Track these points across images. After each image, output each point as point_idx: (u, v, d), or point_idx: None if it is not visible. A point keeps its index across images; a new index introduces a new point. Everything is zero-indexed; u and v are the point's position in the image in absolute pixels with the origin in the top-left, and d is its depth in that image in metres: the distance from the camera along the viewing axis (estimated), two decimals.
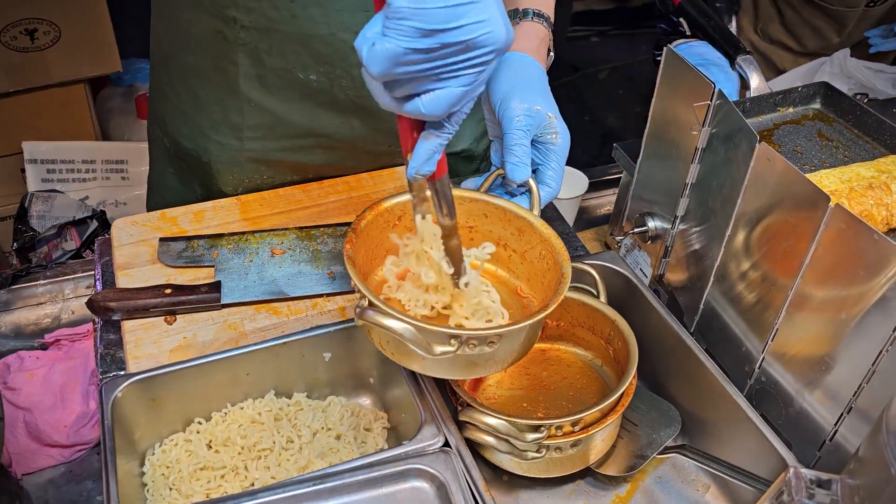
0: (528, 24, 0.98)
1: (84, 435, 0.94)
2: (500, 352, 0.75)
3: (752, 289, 0.89)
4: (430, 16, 0.58)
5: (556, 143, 0.90)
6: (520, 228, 0.86)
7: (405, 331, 0.70)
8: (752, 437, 0.86)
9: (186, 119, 1.17)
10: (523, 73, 0.92)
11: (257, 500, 0.74)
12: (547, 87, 0.93)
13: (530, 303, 0.87)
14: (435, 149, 0.69)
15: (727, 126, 0.87)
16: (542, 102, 0.89)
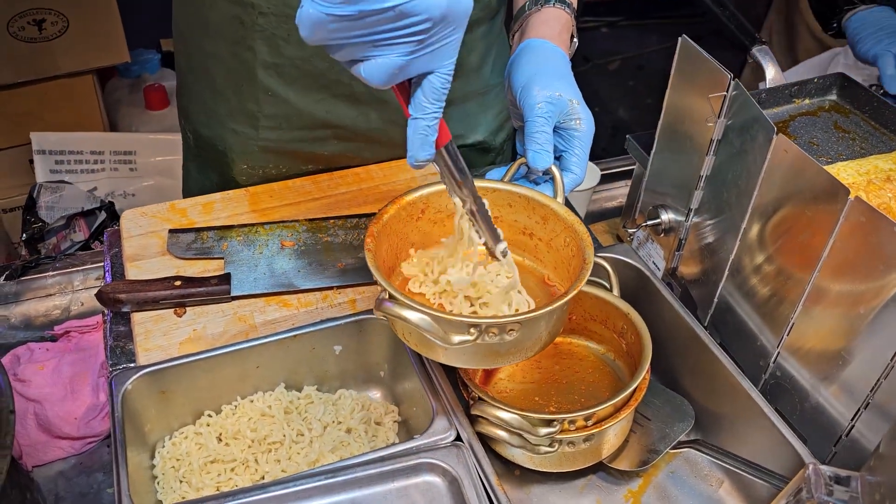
0: (550, 10, 0.97)
1: (94, 427, 0.94)
2: (521, 340, 0.74)
3: (767, 282, 0.88)
4: None
5: (580, 129, 0.88)
6: (544, 217, 0.85)
7: (421, 321, 0.70)
8: (767, 433, 0.85)
9: (204, 106, 1.17)
10: (544, 59, 0.91)
11: (269, 494, 0.74)
12: (569, 73, 0.92)
13: (557, 290, 0.86)
14: (424, 132, 0.66)
15: (743, 117, 0.85)
16: (564, 88, 0.88)
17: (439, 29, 0.59)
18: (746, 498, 0.89)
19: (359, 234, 1.06)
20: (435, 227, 0.84)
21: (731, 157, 0.89)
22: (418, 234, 0.83)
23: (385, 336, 0.93)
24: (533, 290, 0.85)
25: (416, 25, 0.58)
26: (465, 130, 1.25)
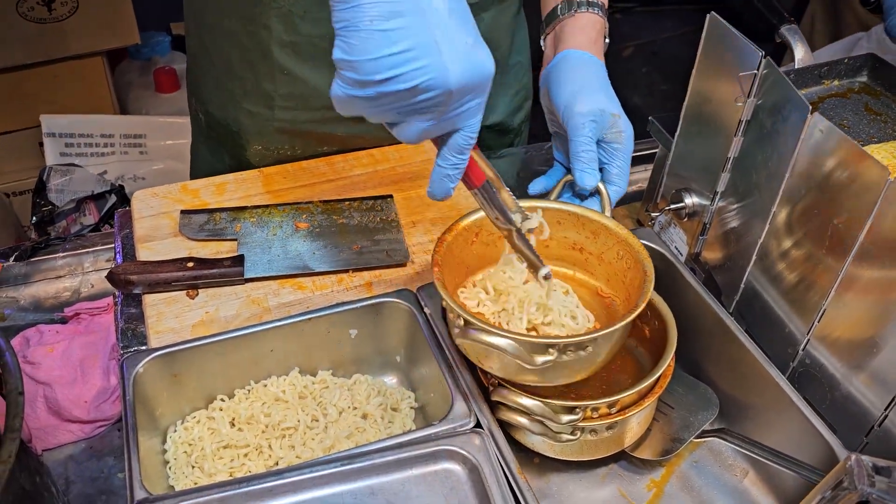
0: (584, 15, 0.95)
1: (105, 411, 0.92)
2: (595, 354, 0.76)
3: (796, 268, 0.85)
4: (363, 68, 0.57)
5: (622, 143, 0.90)
6: (594, 231, 0.88)
7: (508, 346, 0.71)
8: (795, 422, 0.83)
9: (218, 86, 1.15)
10: (583, 73, 0.91)
11: (284, 480, 0.72)
12: (607, 84, 0.92)
13: (612, 301, 0.89)
14: (446, 177, 0.68)
15: (774, 96, 0.82)
16: (606, 102, 0.89)
17: (458, 98, 0.60)
18: (772, 489, 0.87)
19: (374, 215, 1.04)
20: (488, 248, 0.87)
21: (760, 137, 0.86)
22: (473, 256, 0.86)
23: (402, 320, 0.91)
24: (588, 302, 0.88)
25: (434, 99, 0.59)
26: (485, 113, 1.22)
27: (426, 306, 0.90)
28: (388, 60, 0.56)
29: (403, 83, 0.57)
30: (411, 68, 0.57)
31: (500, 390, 0.79)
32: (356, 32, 0.56)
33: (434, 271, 0.78)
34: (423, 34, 0.56)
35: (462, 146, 0.66)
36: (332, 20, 0.58)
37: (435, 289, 0.91)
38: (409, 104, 0.59)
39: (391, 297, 0.91)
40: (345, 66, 0.58)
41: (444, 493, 0.74)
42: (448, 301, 0.75)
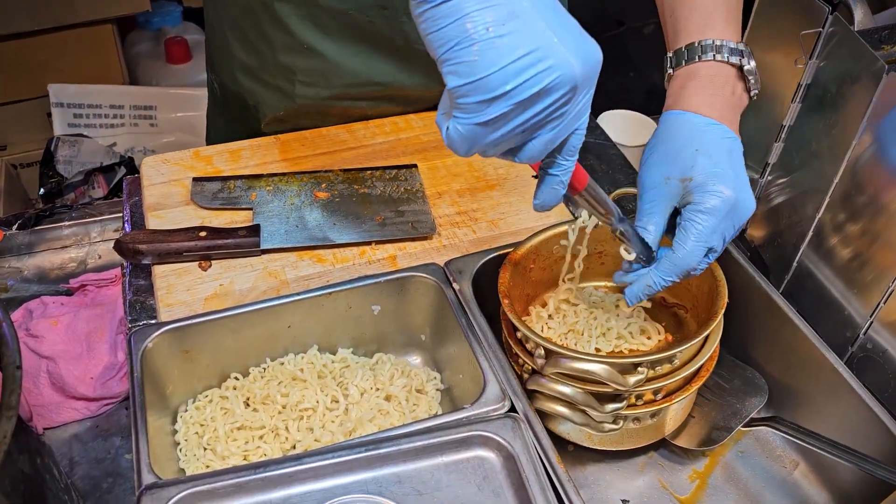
0: (706, 66, 0.75)
1: (111, 388, 0.87)
2: (679, 365, 0.75)
3: (859, 245, 0.79)
4: (490, 83, 0.52)
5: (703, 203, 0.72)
6: None
7: (602, 370, 0.70)
8: (854, 410, 0.76)
9: (233, 59, 1.09)
10: None
11: (304, 466, 0.66)
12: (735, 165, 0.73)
13: (679, 311, 0.86)
14: (558, 185, 0.62)
15: (842, 56, 0.75)
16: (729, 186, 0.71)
17: (580, 93, 0.55)
18: (825, 481, 0.81)
19: (398, 185, 0.98)
20: (545, 272, 0.86)
21: (822, 103, 0.79)
22: (532, 283, 0.85)
23: (428, 296, 0.85)
24: (653, 313, 0.86)
25: (562, 99, 0.54)
26: None
27: (455, 281, 0.84)
28: (514, 66, 0.51)
29: (532, 87, 0.52)
30: (539, 70, 0.52)
31: (536, 378, 0.73)
32: (471, 46, 0.51)
33: (504, 304, 0.76)
34: (541, 33, 0.52)
35: (577, 146, 0.60)
36: (433, 48, 0.53)
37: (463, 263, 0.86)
38: (535, 115, 0.54)
39: (417, 272, 0.85)
40: (467, 91, 0.52)
41: (476, 482, 0.68)
42: (528, 333, 0.73)
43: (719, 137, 0.73)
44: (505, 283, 0.79)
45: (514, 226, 0.94)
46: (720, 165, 0.71)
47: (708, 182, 0.70)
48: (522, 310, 0.85)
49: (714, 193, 0.70)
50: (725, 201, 0.70)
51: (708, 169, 0.71)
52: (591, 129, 1.12)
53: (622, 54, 3.76)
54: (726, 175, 0.71)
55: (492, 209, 0.96)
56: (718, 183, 0.70)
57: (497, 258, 0.86)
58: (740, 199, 0.71)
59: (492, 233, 0.94)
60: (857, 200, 0.78)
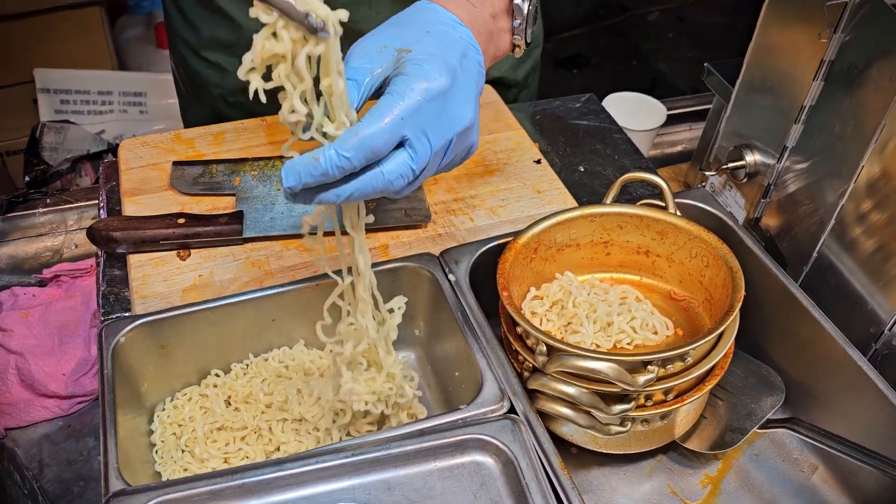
0: None
1: (85, 385, 0.81)
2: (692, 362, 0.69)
3: (884, 236, 0.73)
4: None
5: None
6: (661, 232, 0.80)
7: (610, 369, 0.64)
8: (879, 411, 0.71)
9: (179, 37, 1.04)
10: None
11: (285, 472, 0.61)
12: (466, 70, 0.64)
13: (689, 304, 0.81)
14: None
15: (871, 30, 0.70)
16: None
17: None
18: (846, 486, 0.76)
19: None
20: (547, 263, 0.81)
21: (848, 80, 0.74)
22: (532, 274, 0.80)
23: (422, 288, 0.80)
24: (662, 307, 0.80)
25: None
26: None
27: (451, 272, 0.79)
28: None
29: None
30: None
31: (538, 377, 0.68)
32: None
33: (503, 296, 0.71)
34: None
35: None
36: None
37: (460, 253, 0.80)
38: None
39: (410, 262, 0.79)
40: None
41: (472, 489, 0.63)
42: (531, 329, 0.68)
43: (459, 37, 0.64)
44: (504, 275, 0.73)
45: (514, 213, 0.89)
46: (449, 54, 0.61)
47: (427, 60, 0.60)
48: (519, 303, 0.79)
49: (428, 73, 0.59)
50: (439, 87, 0.59)
51: (432, 49, 0.61)
52: (596, 113, 1.07)
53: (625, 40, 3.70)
54: (451, 66, 0.61)
55: (491, 196, 0.91)
56: (439, 66, 0.60)
57: (496, 248, 0.81)
58: (455, 99, 0.60)
59: (490, 221, 0.88)
60: (884, 187, 0.73)
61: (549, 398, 0.69)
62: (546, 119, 1.07)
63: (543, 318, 0.77)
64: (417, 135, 0.59)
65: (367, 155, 0.57)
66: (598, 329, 0.75)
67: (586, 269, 0.82)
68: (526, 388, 0.70)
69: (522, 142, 0.99)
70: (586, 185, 0.96)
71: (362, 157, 0.56)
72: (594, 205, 0.80)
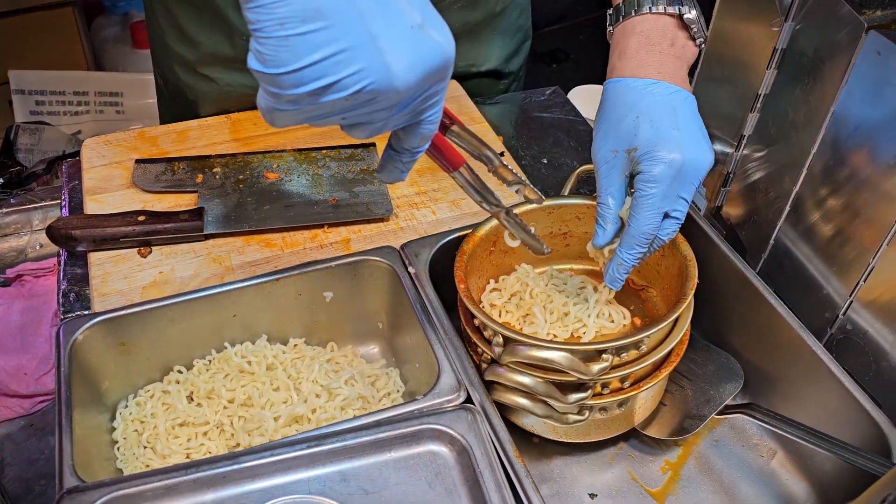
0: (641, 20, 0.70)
1: (46, 383, 0.81)
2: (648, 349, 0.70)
3: (838, 221, 0.74)
4: (282, 82, 0.45)
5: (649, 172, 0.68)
6: None
7: (563, 358, 0.65)
8: (834, 396, 0.72)
9: (170, 52, 1.03)
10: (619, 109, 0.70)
11: (239, 466, 0.61)
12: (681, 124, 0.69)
13: (647, 293, 0.81)
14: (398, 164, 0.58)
15: (820, 17, 0.70)
16: None
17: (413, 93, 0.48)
18: (804, 470, 0.77)
19: (354, 165, 0.93)
20: (506, 256, 0.81)
21: (799, 68, 0.74)
22: (492, 266, 0.80)
23: (383, 281, 0.80)
24: (620, 297, 0.80)
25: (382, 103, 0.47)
26: (476, 58, 1.10)
27: (411, 265, 0.79)
28: (313, 70, 0.44)
29: (339, 92, 0.45)
30: (345, 74, 0.45)
31: (494, 368, 0.68)
32: (266, 40, 0.44)
33: (460, 289, 0.71)
34: (353, 30, 0.44)
35: (423, 136, 0.55)
36: None
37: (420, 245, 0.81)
38: (354, 111, 0.48)
39: (371, 255, 0.80)
40: (263, 80, 0.46)
41: (427, 478, 0.63)
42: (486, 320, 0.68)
43: (660, 98, 0.69)
44: (462, 268, 0.74)
45: (475, 206, 0.88)
46: (662, 129, 0.67)
47: (651, 150, 0.67)
48: (478, 296, 0.80)
49: (658, 160, 0.67)
50: (671, 165, 0.67)
51: (649, 136, 0.67)
52: (561, 105, 1.07)
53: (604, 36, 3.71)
54: (669, 138, 0.67)
55: (453, 189, 0.91)
56: (661, 149, 0.67)
57: (456, 240, 0.81)
58: (688, 158, 0.67)
59: (453, 214, 0.88)
60: (838, 173, 0.73)
61: (506, 389, 0.69)
62: (511, 112, 1.07)
63: (502, 310, 0.77)
64: (675, 205, 0.68)
65: (646, 242, 0.69)
66: (555, 319, 0.75)
67: (546, 260, 0.83)
68: (484, 380, 0.70)
69: (486, 135, 0.99)
70: (550, 177, 0.96)
71: (644, 244, 0.69)
72: (552, 197, 0.81)
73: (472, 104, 1.04)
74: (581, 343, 0.73)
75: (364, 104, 0.47)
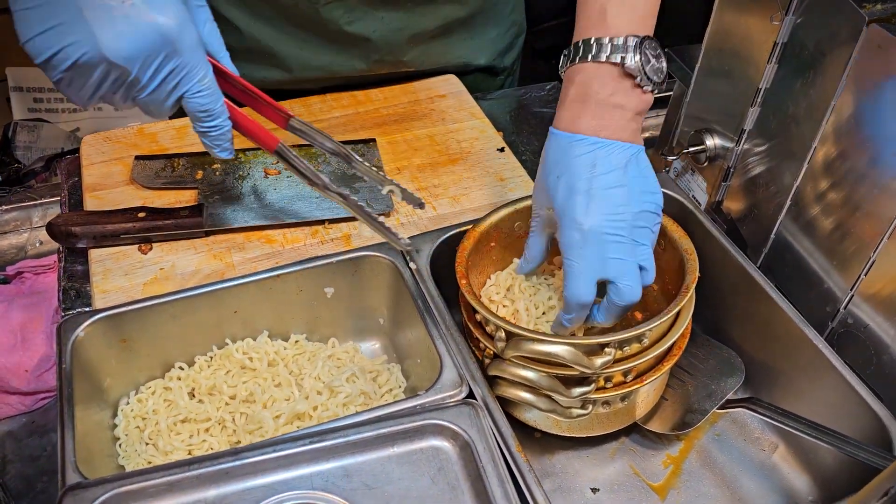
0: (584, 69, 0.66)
1: (47, 381, 0.81)
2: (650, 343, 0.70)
3: (839, 215, 0.74)
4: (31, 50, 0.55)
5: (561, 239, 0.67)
6: None
7: (566, 352, 0.64)
8: (835, 390, 0.72)
9: None
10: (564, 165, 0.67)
11: (242, 461, 0.61)
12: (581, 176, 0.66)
13: (648, 288, 0.78)
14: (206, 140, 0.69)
15: (820, 11, 0.70)
16: None
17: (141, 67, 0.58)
18: (805, 464, 0.77)
19: None
20: (506, 252, 0.81)
21: (799, 62, 0.74)
22: (492, 261, 0.80)
23: (384, 277, 0.80)
24: None
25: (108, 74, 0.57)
26: (469, 53, 1.09)
27: (412, 260, 0.79)
28: (41, 40, 0.54)
29: (65, 62, 0.55)
30: (63, 45, 0.54)
31: (497, 362, 0.68)
32: (15, 13, 0.54)
33: (462, 284, 0.71)
34: (66, 7, 0.54)
35: (197, 110, 0.63)
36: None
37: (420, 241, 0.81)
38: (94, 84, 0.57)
39: (372, 251, 0.80)
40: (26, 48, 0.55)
41: (430, 473, 0.63)
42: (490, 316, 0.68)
43: (582, 154, 0.65)
44: (463, 263, 0.74)
45: (477, 202, 0.89)
46: (574, 192, 0.65)
47: (563, 215, 0.65)
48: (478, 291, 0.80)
49: (568, 228, 0.65)
50: (582, 234, 0.64)
51: (563, 199, 0.65)
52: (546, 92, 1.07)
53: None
54: (576, 204, 0.64)
55: (454, 184, 0.91)
56: (567, 215, 0.65)
57: (457, 236, 0.81)
58: (593, 224, 0.64)
59: (453, 209, 0.88)
60: (838, 167, 0.73)
61: (510, 384, 0.69)
62: (510, 107, 1.07)
63: (500, 305, 0.77)
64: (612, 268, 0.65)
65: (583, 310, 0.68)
66: (540, 314, 0.75)
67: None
68: (486, 375, 0.70)
69: (486, 130, 0.99)
70: None
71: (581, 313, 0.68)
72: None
73: (472, 99, 1.04)
74: (584, 337, 0.73)
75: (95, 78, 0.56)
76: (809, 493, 0.75)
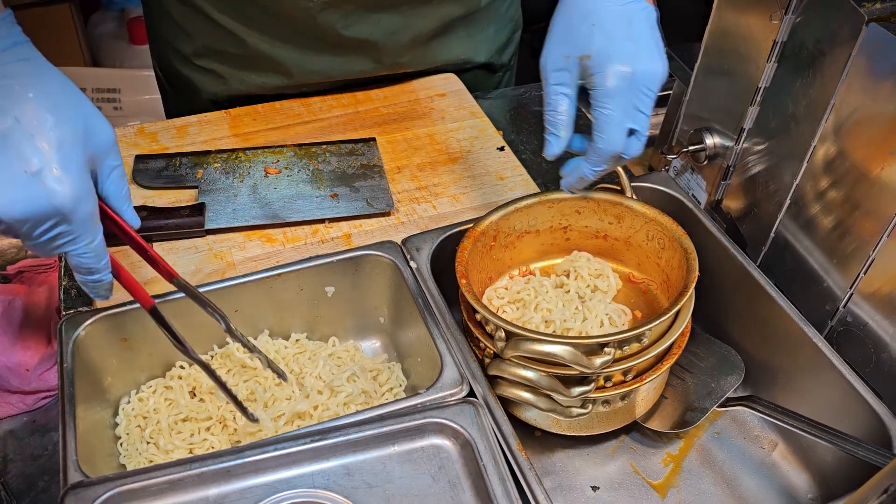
0: None
1: (48, 380, 0.81)
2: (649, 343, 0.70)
3: (839, 213, 0.74)
4: None
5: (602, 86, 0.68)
6: (618, 216, 0.81)
7: (566, 352, 0.64)
8: (835, 388, 0.72)
9: (167, 44, 1.03)
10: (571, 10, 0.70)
11: (243, 460, 0.61)
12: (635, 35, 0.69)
13: (648, 286, 0.82)
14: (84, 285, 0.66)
15: (820, 9, 0.70)
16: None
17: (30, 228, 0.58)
18: (805, 462, 0.77)
19: (354, 160, 0.93)
20: (507, 251, 0.81)
21: (799, 61, 0.74)
22: (493, 262, 0.81)
23: (385, 276, 0.80)
24: (622, 291, 0.82)
25: None
26: (469, 52, 1.10)
27: (412, 259, 0.79)
28: None
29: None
30: None
31: (497, 362, 0.68)
32: None
33: (462, 284, 0.71)
34: None
35: (79, 267, 0.63)
36: None
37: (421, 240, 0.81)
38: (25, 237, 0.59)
39: (372, 250, 0.80)
40: None
41: (431, 472, 0.64)
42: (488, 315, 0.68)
43: (617, 8, 0.68)
44: (463, 262, 0.74)
45: (477, 200, 0.89)
46: (616, 40, 0.67)
47: (605, 61, 0.66)
48: (483, 290, 0.80)
49: (610, 73, 0.66)
50: (623, 78, 0.66)
51: (603, 46, 0.67)
52: None
53: None
54: (622, 49, 0.66)
55: (454, 183, 0.91)
56: (614, 61, 0.66)
57: (457, 234, 0.81)
58: (640, 70, 0.67)
59: (454, 208, 0.89)
60: (838, 166, 0.73)
61: (510, 383, 0.69)
62: (510, 106, 1.07)
63: (500, 310, 0.77)
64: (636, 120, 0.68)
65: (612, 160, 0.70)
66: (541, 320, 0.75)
67: (546, 254, 0.83)
68: (487, 375, 0.70)
69: (486, 129, 0.99)
70: (550, 171, 0.96)
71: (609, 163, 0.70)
72: (552, 191, 0.81)
73: (472, 98, 1.04)
74: (583, 336, 0.73)
75: None
76: (809, 490, 0.76)
